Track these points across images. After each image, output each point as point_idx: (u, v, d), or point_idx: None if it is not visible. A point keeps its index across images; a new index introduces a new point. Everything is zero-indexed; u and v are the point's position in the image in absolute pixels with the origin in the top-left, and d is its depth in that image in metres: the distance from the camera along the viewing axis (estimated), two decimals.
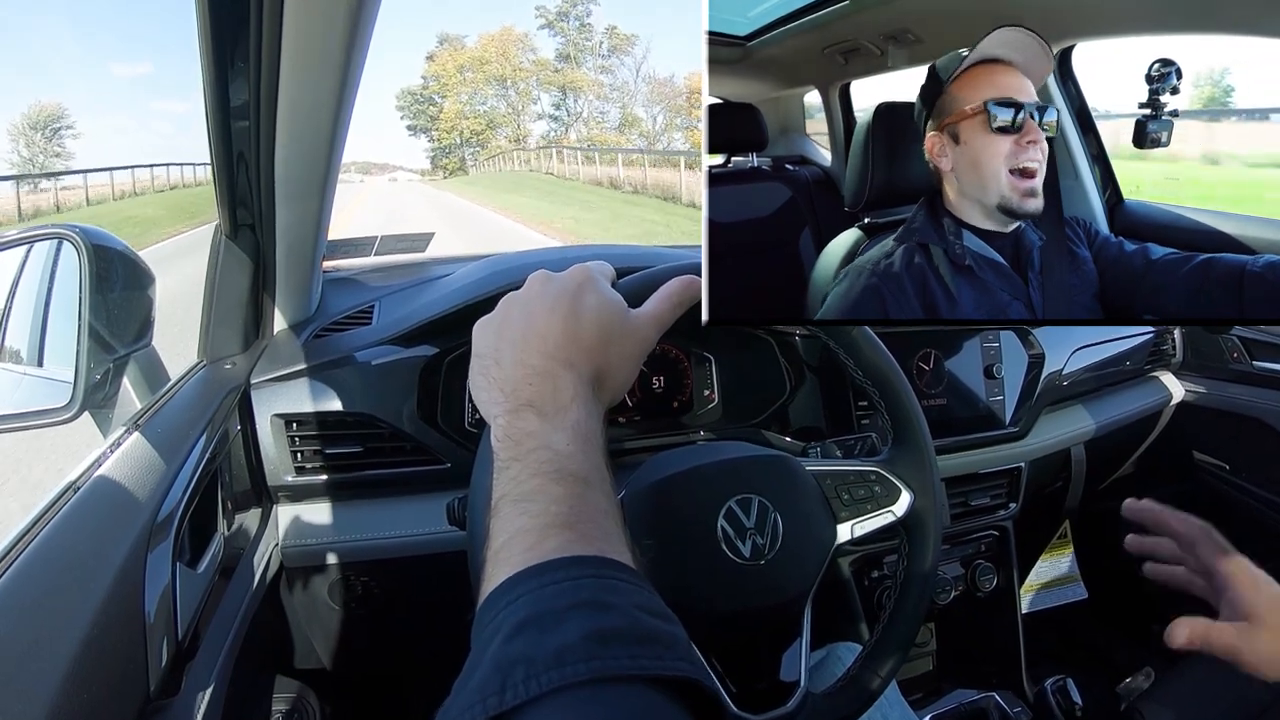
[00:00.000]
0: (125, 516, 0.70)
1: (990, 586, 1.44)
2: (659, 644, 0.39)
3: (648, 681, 0.36)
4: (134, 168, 21.52)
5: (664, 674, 0.37)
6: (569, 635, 0.37)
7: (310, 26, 0.74)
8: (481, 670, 0.37)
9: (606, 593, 0.41)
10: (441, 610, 1.15)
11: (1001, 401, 1.40)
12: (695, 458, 0.73)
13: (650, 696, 0.36)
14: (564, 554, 0.43)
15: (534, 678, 0.35)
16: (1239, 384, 1.63)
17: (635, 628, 0.39)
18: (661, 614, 0.42)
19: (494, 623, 0.39)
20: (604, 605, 0.40)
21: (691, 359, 1.29)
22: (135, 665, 0.64)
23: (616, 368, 0.56)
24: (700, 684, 0.38)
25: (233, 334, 1.11)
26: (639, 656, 0.37)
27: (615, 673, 0.36)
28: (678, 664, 0.38)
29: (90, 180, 19.52)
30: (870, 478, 0.77)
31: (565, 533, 0.44)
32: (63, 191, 19.09)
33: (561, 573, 0.41)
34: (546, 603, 0.39)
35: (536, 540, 0.44)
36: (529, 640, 0.37)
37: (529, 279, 0.57)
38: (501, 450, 0.50)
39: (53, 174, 19.31)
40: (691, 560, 0.67)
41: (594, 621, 0.38)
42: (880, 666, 0.75)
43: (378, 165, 64.62)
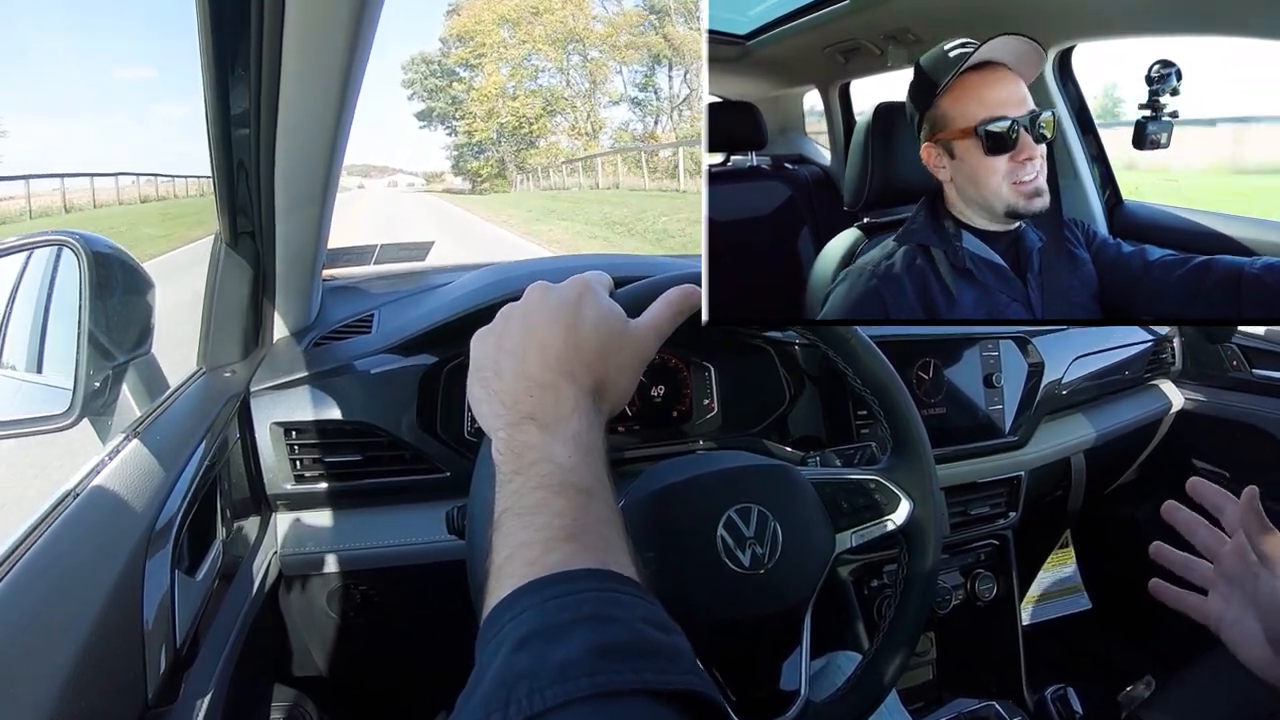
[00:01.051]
0: (124, 524, 0.69)
1: (990, 595, 1.44)
2: (662, 657, 0.39)
3: (651, 695, 0.36)
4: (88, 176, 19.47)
5: (667, 687, 0.37)
6: (572, 650, 0.37)
7: (311, 34, 0.75)
8: (485, 686, 0.37)
9: (609, 606, 0.41)
10: (440, 619, 1.15)
11: (1001, 410, 1.40)
12: (695, 467, 0.73)
13: (654, 709, 0.36)
14: (567, 567, 0.42)
15: (538, 693, 0.35)
16: (1239, 392, 1.64)
17: (638, 641, 0.39)
18: (664, 626, 0.41)
19: (498, 637, 0.39)
20: (607, 619, 0.40)
21: (691, 368, 1.30)
22: (133, 673, 0.64)
23: (617, 378, 0.55)
24: (704, 696, 0.38)
25: (232, 342, 1.11)
26: (642, 670, 0.37)
27: (619, 687, 0.36)
28: (681, 677, 0.38)
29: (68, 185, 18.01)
30: (869, 486, 0.76)
31: (568, 545, 0.44)
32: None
33: (564, 586, 0.41)
34: (550, 617, 0.39)
35: (540, 554, 0.43)
36: (533, 655, 0.37)
37: (527, 290, 0.57)
38: (503, 464, 0.50)
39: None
40: (691, 569, 0.67)
41: (597, 635, 0.38)
42: (880, 675, 0.75)
43: (378, 168, 56.16)
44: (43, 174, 20.83)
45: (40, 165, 56.43)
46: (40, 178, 18.79)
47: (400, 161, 56.00)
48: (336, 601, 1.15)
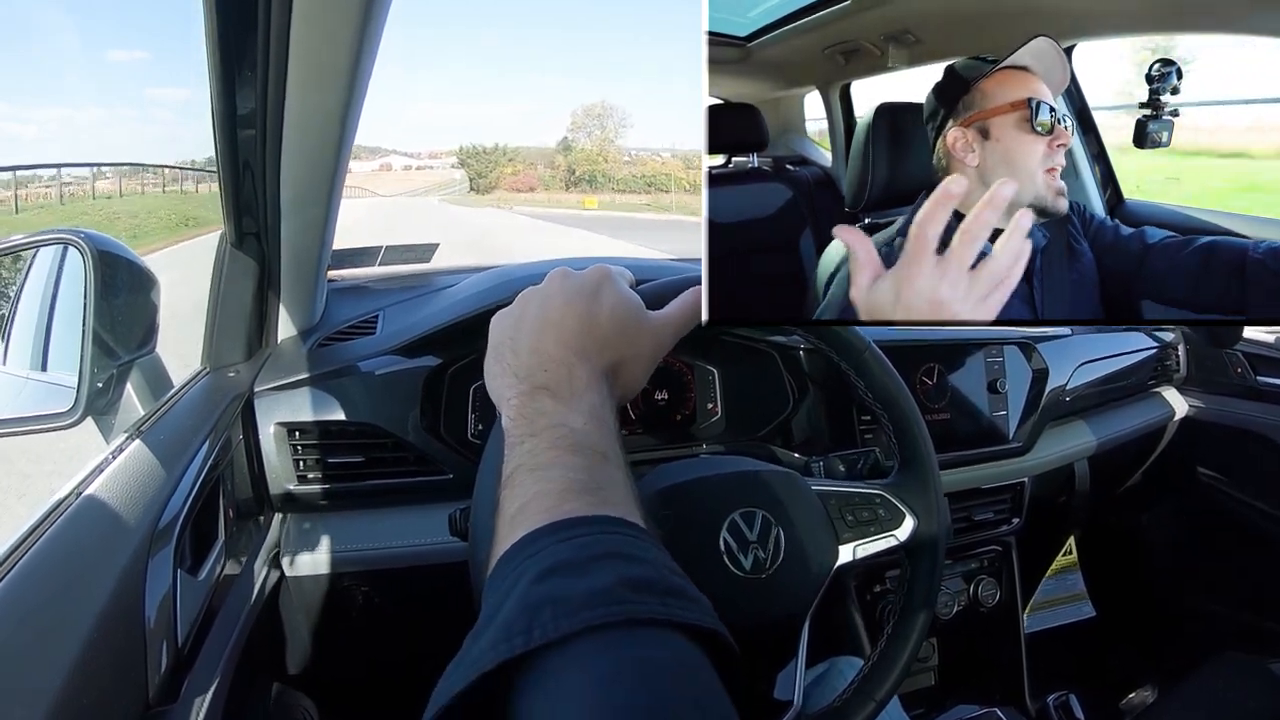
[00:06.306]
0: (127, 523, 0.70)
1: (993, 601, 1.44)
2: (686, 597, 0.38)
3: (681, 628, 0.36)
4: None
5: (696, 623, 0.36)
6: (600, 580, 0.36)
7: (317, 35, 0.75)
8: (505, 612, 0.36)
9: (633, 548, 0.40)
10: (442, 621, 1.14)
11: (1005, 416, 1.39)
12: (701, 469, 0.73)
13: (682, 643, 0.36)
14: (586, 514, 0.42)
15: (564, 617, 0.34)
16: (1243, 399, 1.63)
17: (664, 581, 0.38)
18: (684, 575, 0.41)
19: (515, 573, 0.38)
20: (633, 558, 0.39)
21: (695, 372, 1.30)
22: (135, 671, 0.64)
23: (631, 365, 0.56)
24: (726, 639, 0.38)
25: (236, 342, 1.11)
26: (670, 605, 0.36)
27: (650, 616, 0.35)
28: (705, 617, 0.37)
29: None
30: (874, 500, 0.76)
31: (586, 496, 0.44)
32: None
33: (585, 529, 0.41)
34: (574, 553, 0.39)
35: (556, 502, 0.43)
36: (557, 584, 0.36)
37: (549, 274, 0.58)
38: (515, 429, 0.50)
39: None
40: (692, 570, 0.66)
41: (626, 570, 0.38)
42: (876, 690, 0.74)
43: (369, 149, 52.40)
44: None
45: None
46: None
47: (406, 145, 53.84)
48: (338, 602, 1.15)
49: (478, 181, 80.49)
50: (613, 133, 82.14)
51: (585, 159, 79.13)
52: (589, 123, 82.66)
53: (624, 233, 20.57)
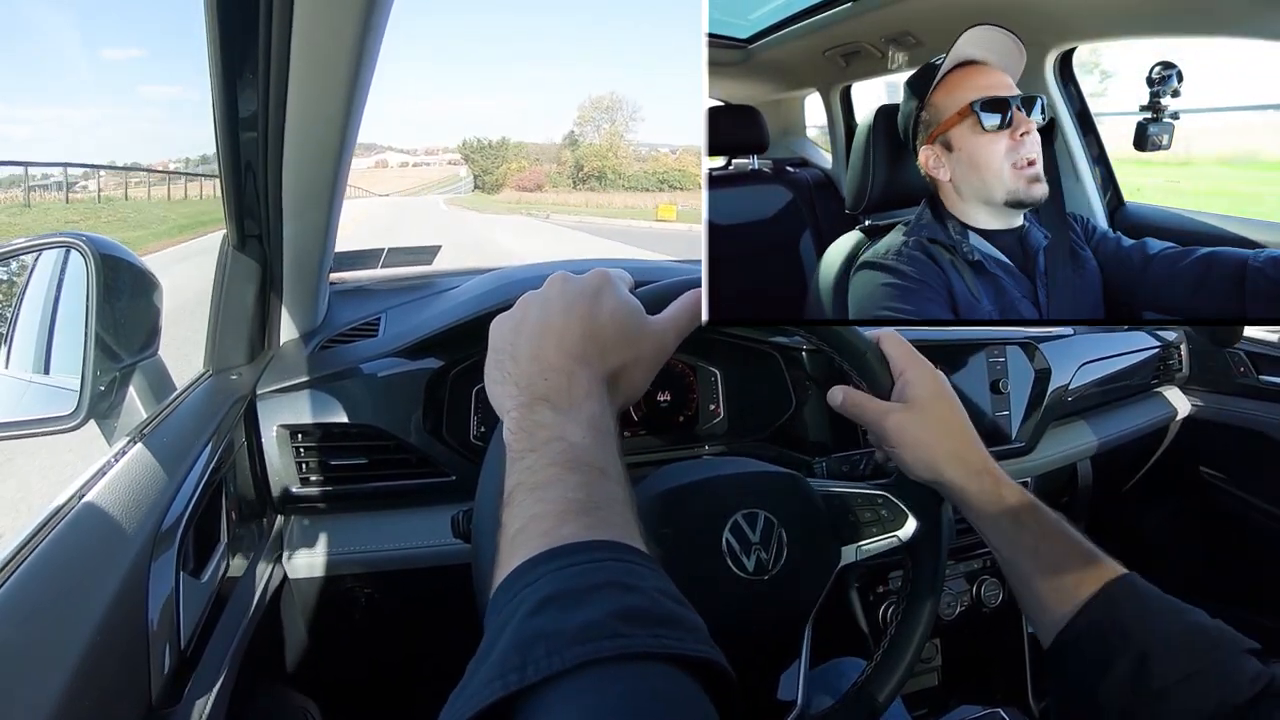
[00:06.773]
0: (130, 525, 0.70)
1: (996, 602, 1.43)
2: (682, 627, 0.38)
3: (673, 660, 0.36)
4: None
5: (688, 654, 0.36)
6: (594, 612, 0.36)
7: (319, 37, 0.75)
8: (501, 646, 0.36)
9: (628, 575, 0.40)
10: (444, 623, 1.15)
11: (1007, 416, 1.39)
12: (704, 470, 0.73)
13: (673, 675, 0.36)
14: (583, 538, 0.42)
15: (557, 653, 0.34)
16: (1246, 398, 1.63)
17: (658, 609, 0.38)
18: (679, 600, 0.41)
19: (513, 602, 0.39)
20: (627, 586, 0.39)
21: (697, 373, 1.30)
22: (138, 674, 0.64)
23: (632, 370, 0.56)
24: (721, 667, 0.38)
25: (239, 344, 1.11)
26: (662, 636, 0.36)
27: (641, 650, 0.35)
28: (699, 646, 0.37)
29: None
30: (877, 501, 0.76)
31: (583, 518, 0.44)
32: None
33: (582, 555, 0.41)
34: (569, 582, 0.39)
35: (554, 525, 0.43)
36: (551, 617, 0.37)
37: (548, 279, 0.57)
38: (515, 442, 0.50)
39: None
40: (694, 572, 0.66)
41: (618, 601, 0.38)
42: (879, 690, 0.74)
43: (363, 145, 51.31)
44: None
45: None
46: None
47: (400, 141, 53.91)
48: (341, 604, 1.15)
49: (483, 179, 78.90)
50: (623, 126, 79.25)
51: (594, 155, 76.34)
52: (597, 116, 79.57)
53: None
